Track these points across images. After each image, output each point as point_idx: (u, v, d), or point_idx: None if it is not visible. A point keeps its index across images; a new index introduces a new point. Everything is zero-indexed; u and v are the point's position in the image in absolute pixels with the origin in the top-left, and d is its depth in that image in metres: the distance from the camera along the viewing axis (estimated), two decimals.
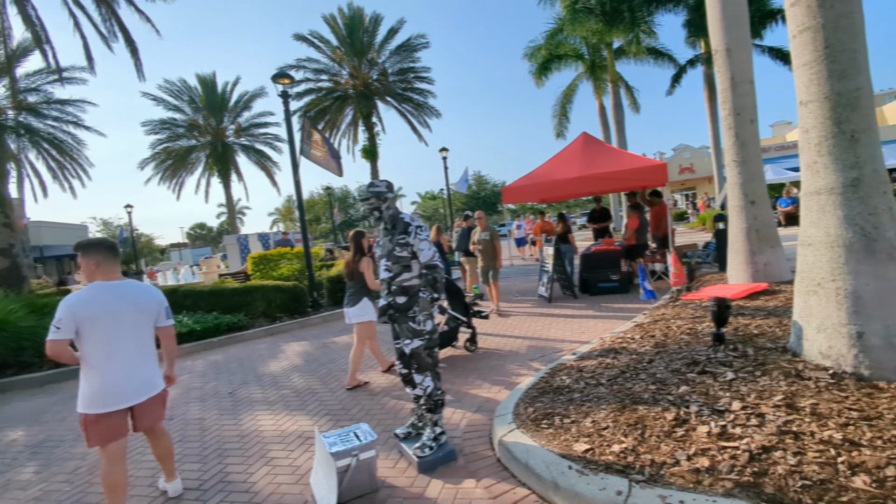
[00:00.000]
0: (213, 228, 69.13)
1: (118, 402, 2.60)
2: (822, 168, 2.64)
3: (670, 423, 2.46)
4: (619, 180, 8.12)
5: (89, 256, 2.65)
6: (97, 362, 2.57)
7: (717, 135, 20.74)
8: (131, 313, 2.67)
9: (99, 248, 2.69)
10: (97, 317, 2.55)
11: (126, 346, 2.65)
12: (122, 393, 2.62)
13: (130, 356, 2.67)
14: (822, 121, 2.65)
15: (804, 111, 2.76)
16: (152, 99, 27.97)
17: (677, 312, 4.77)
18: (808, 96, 2.72)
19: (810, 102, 2.70)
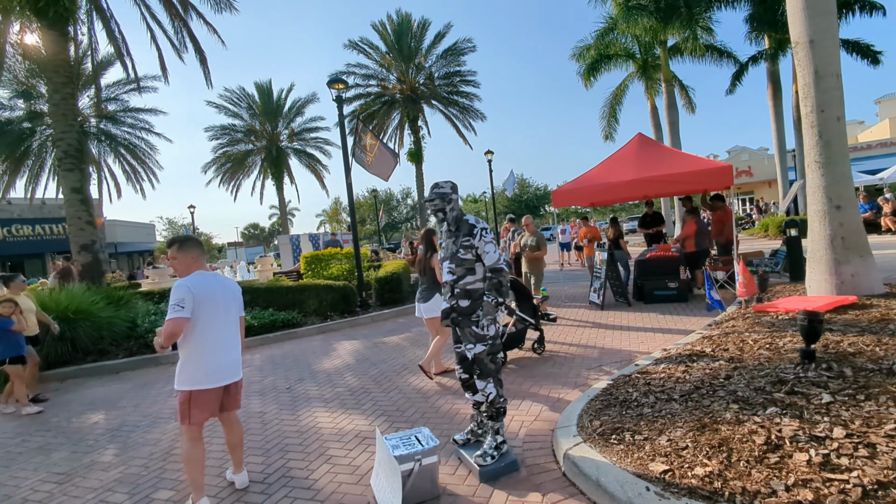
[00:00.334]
0: (266, 229, 72.23)
1: (220, 378, 2.87)
2: None
3: (761, 448, 2.26)
4: (679, 183, 7.73)
5: (188, 250, 2.91)
6: (204, 341, 2.82)
7: (781, 136, 19.43)
8: (228, 300, 2.98)
9: (195, 243, 2.98)
10: (207, 299, 2.82)
11: (225, 329, 2.93)
12: (223, 370, 2.90)
13: (228, 338, 2.96)
14: None
15: None
16: (214, 107, 29.67)
17: (750, 325, 4.45)
18: None
19: None
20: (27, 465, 3.87)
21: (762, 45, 18.85)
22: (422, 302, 4.99)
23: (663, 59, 18.46)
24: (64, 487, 3.40)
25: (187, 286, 2.76)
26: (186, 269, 2.88)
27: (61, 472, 3.65)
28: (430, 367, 4.97)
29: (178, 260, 2.89)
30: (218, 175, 30.84)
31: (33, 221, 27.36)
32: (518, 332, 5.31)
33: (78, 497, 3.23)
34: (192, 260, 2.89)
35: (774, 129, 19.16)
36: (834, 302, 4.36)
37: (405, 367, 5.60)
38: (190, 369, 2.80)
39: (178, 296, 2.71)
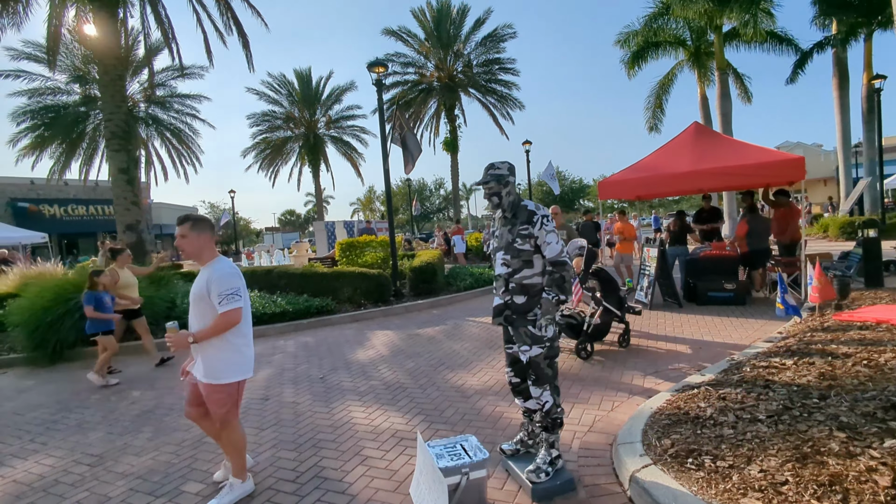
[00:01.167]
0: (301, 215, 73.74)
1: (253, 367, 2.82)
2: None
3: (886, 492, 1.86)
4: (743, 176, 7.09)
5: (202, 231, 2.70)
6: (247, 330, 2.75)
7: (846, 130, 17.94)
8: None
9: (209, 224, 2.78)
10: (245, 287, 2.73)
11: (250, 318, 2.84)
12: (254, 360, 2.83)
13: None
14: None
15: None
16: (255, 94, 30.19)
17: (835, 336, 3.94)
18: None
19: None
20: (64, 443, 3.85)
21: (828, 32, 17.41)
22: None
23: (717, 45, 17.30)
24: (96, 471, 3.33)
25: (239, 275, 2.67)
26: (198, 252, 2.66)
27: (95, 454, 3.60)
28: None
29: (188, 239, 2.64)
30: (257, 161, 31.47)
31: (87, 202, 28.71)
32: (604, 323, 5.14)
33: (108, 483, 3.14)
34: (205, 242, 2.68)
35: (839, 123, 17.72)
36: None
37: (441, 363, 5.35)
38: (236, 359, 2.67)
39: (235, 283, 2.60)
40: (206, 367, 2.63)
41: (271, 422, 3.98)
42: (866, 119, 16.78)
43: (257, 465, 3.19)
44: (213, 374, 2.62)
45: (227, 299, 2.54)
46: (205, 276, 2.62)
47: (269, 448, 3.46)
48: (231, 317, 2.56)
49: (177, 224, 2.69)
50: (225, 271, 2.60)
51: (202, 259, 2.67)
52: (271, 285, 9.92)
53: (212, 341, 2.60)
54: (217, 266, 2.64)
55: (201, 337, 2.56)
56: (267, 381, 5.14)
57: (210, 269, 2.64)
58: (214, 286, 2.55)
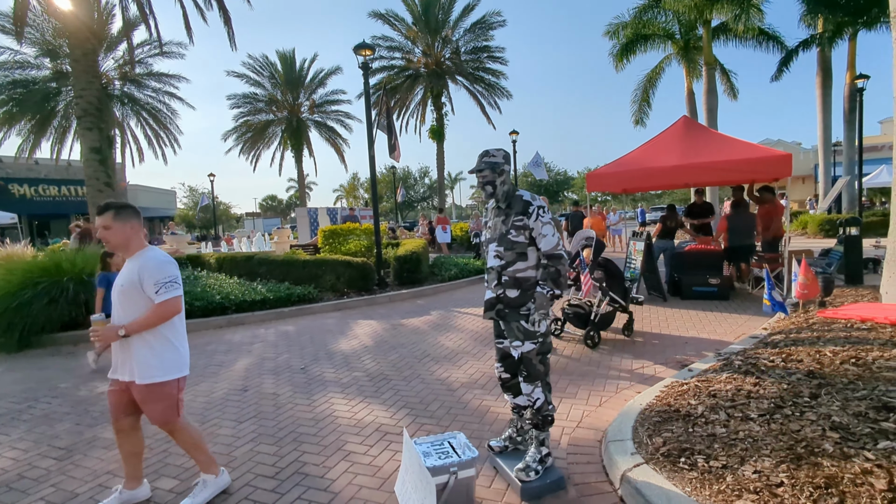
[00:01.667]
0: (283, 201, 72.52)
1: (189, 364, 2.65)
2: None
3: (883, 495, 1.83)
4: (730, 171, 7.12)
5: (128, 219, 2.44)
6: (180, 325, 2.55)
7: (827, 129, 18.28)
8: None
9: (135, 212, 2.51)
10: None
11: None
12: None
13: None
14: None
15: None
16: (236, 76, 29.26)
17: (821, 334, 3.96)
18: None
19: None
20: (29, 435, 3.65)
21: (814, 30, 17.61)
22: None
23: (706, 40, 17.32)
24: (63, 465, 3.15)
25: (175, 262, 2.48)
26: (124, 242, 2.42)
27: (62, 447, 3.42)
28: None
29: (112, 230, 2.37)
30: (238, 144, 30.69)
31: (59, 182, 27.62)
32: (609, 313, 5.22)
33: (76, 479, 2.97)
34: (132, 231, 2.43)
35: (821, 122, 18.04)
36: None
37: (426, 354, 5.26)
38: (171, 355, 2.47)
39: (172, 271, 2.42)
40: (139, 367, 2.39)
41: (250, 414, 3.84)
42: (847, 118, 17.08)
43: (235, 460, 3.06)
44: (149, 372, 2.39)
45: (165, 287, 2.35)
46: (135, 266, 2.39)
47: (248, 441, 3.33)
48: (172, 306, 2.38)
49: (97, 214, 2.42)
50: (159, 259, 2.41)
51: (129, 250, 2.44)
52: (251, 272, 9.68)
53: (144, 336, 2.38)
54: (149, 254, 2.43)
55: (134, 329, 2.33)
56: (246, 372, 4.98)
57: (141, 258, 2.42)
58: (149, 274, 2.35)
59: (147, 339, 2.39)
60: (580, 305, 5.29)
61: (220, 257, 10.85)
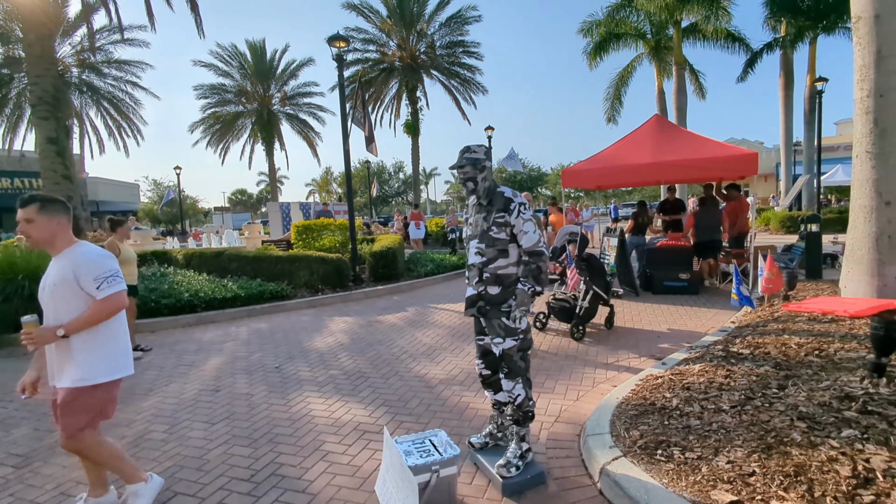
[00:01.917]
0: (253, 195, 70.79)
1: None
2: None
3: (848, 482, 1.91)
4: (700, 169, 7.33)
5: (54, 214, 2.24)
6: (121, 320, 2.40)
7: (789, 129, 19.08)
8: None
9: (63, 206, 2.32)
10: None
11: None
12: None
13: None
14: None
15: None
16: (203, 65, 28.26)
17: (786, 326, 4.12)
18: None
19: None
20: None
21: (778, 34, 18.28)
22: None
23: (676, 40, 17.77)
24: (21, 473, 2.98)
25: (112, 256, 2.32)
26: (49, 238, 2.23)
27: (20, 454, 3.23)
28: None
29: (35, 224, 2.18)
30: (206, 136, 29.67)
31: (12, 174, 26.15)
32: (593, 306, 5.35)
33: (36, 487, 2.81)
34: (58, 227, 2.24)
35: (783, 122, 18.77)
36: (878, 306, 4.02)
37: (404, 351, 5.22)
38: (107, 354, 2.30)
39: (111, 265, 2.26)
40: (81, 369, 2.21)
41: (223, 415, 3.72)
42: (808, 119, 17.85)
43: (208, 463, 2.96)
44: (90, 374, 2.22)
45: (107, 282, 2.19)
46: (66, 263, 2.21)
47: (222, 444, 3.23)
48: (116, 301, 2.23)
49: (18, 206, 2.20)
50: (95, 253, 2.24)
51: (55, 247, 2.25)
52: (221, 268, 9.40)
53: (83, 336, 2.21)
54: (82, 250, 2.26)
55: (75, 328, 2.16)
56: (218, 371, 4.83)
57: (72, 254, 2.23)
58: (86, 270, 2.18)
59: (85, 337, 2.22)
60: (565, 299, 5.41)
61: (188, 253, 10.49)
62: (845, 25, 16.86)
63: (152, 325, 6.82)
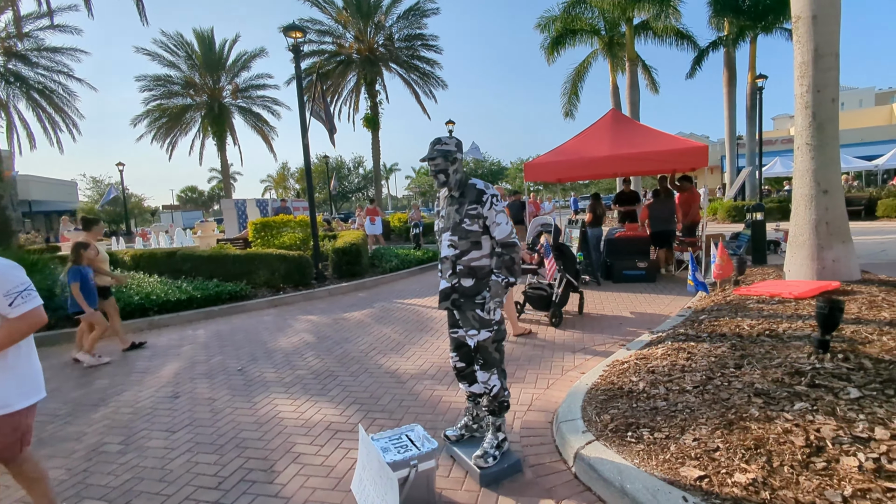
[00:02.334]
0: (205, 193, 67.72)
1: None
2: None
3: (802, 451, 2.05)
4: (655, 161, 7.61)
5: None
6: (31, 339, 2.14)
7: (732, 123, 20.19)
8: None
9: None
10: None
11: None
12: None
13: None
14: None
15: None
16: (147, 54, 26.61)
17: (738, 310, 4.36)
18: None
19: None
20: None
21: (722, 33, 19.24)
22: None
23: (629, 37, 18.37)
24: None
25: (20, 266, 2.03)
26: None
27: None
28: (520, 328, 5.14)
29: None
30: (151, 131, 28.01)
31: None
32: (566, 294, 5.51)
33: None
34: None
35: (727, 117, 19.82)
36: (818, 287, 4.36)
37: (372, 347, 5.15)
38: (29, 377, 2.08)
39: (22, 277, 1.98)
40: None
41: (184, 422, 3.54)
42: (749, 114, 18.91)
43: (171, 473, 2.81)
44: (7, 401, 1.99)
45: (21, 297, 1.93)
46: None
47: (185, 452, 3.07)
48: (34, 317, 1.97)
49: None
50: (3, 265, 1.97)
51: None
52: (174, 269, 8.94)
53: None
54: None
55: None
56: (175, 377, 4.60)
57: None
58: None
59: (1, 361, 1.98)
60: (541, 288, 5.57)
61: (136, 254, 9.90)
62: (782, 26, 17.97)
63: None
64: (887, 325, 3.38)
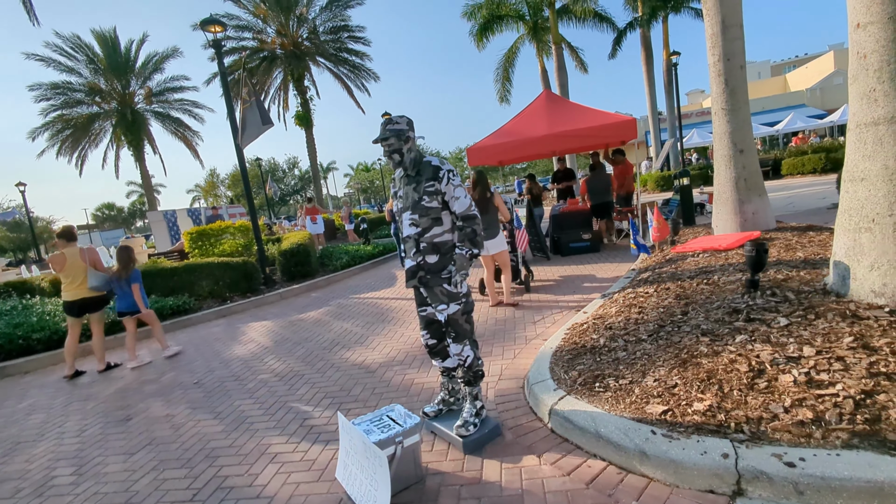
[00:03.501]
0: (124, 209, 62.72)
1: None
2: (882, 96, 2.53)
3: (747, 375, 2.28)
4: (588, 137, 7.98)
5: None
6: None
7: (653, 99, 21.46)
8: None
9: None
10: None
11: None
12: None
13: None
14: (884, 44, 2.52)
15: (862, 34, 2.61)
16: (39, 59, 23.96)
17: (677, 266, 4.72)
18: (867, 17, 2.56)
19: (870, 24, 2.56)
20: None
21: (637, 13, 20.33)
22: (488, 239, 5.07)
23: (552, 20, 18.96)
24: None
25: None
26: None
27: None
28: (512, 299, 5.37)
29: None
30: (54, 144, 25.37)
31: None
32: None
33: None
34: None
35: (648, 93, 21.04)
36: (743, 238, 4.80)
37: (335, 343, 5.07)
38: None
39: None
40: None
41: (142, 443, 3.33)
42: (668, 90, 20.21)
43: (138, 494, 2.65)
44: None
45: None
46: None
47: (150, 471, 2.90)
48: None
49: None
50: None
51: None
52: None
53: None
54: None
55: None
56: (124, 399, 4.29)
57: None
58: None
59: None
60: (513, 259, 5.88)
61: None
62: (689, 5, 19.28)
63: (24, 366, 5.84)
64: (803, 262, 3.81)
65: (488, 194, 5.14)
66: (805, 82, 36.03)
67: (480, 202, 5.07)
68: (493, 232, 5.11)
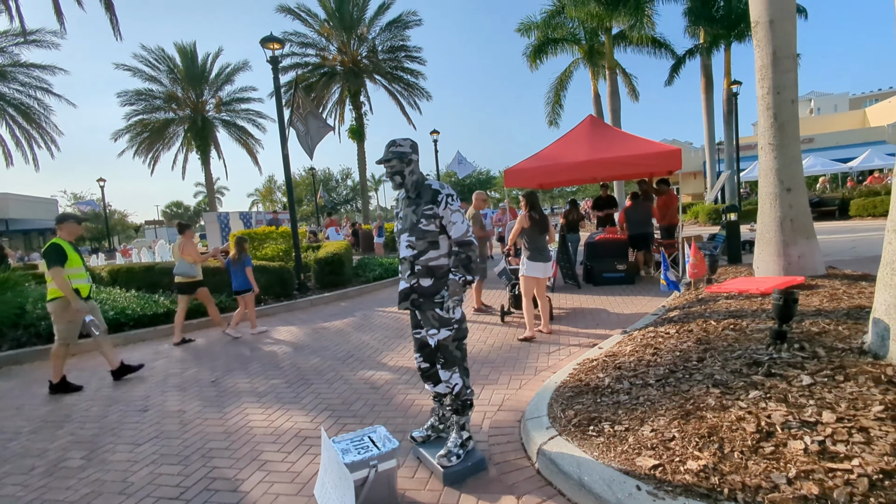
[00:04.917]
0: (191, 207, 67.09)
1: None
2: None
3: (752, 436, 2.08)
4: (631, 165, 7.73)
5: None
6: None
7: (711, 129, 20.60)
8: None
9: None
10: None
11: None
12: None
13: None
14: None
15: None
16: (126, 69, 26.42)
17: (708, 306, 4.43)
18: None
19: None
20: None
21: (697, 41, 19.72)
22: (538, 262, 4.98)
23: (608, 46, 18.73)
24: None
25: None
26: None
27: None
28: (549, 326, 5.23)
29: None
30: (133, 145, 27.73)
31: None
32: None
33: None
34: None
35: (706, 122, 20.21)
36: (784, 282, 4.44)
37: (350, 355, 5.12)
38: None
39: None
40: None
41: (150, 435, 3.48)
42: (727, 119, 19.34)
43: (132, 486, 2.76)
44: None
45: None
46: None
47: (148, 464, 3.02)
48: None
49: None
50: None
51: None
52: (152, 284, 8.83)
53: None
54: None
55: None
56: (147, 391, 4.52)
57: None
58: None
59: None
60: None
61: (112, 269, 9.76)
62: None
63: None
64: (845, 315, 3.45)
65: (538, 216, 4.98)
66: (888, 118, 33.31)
67: (541, 222, 4.94)
68: (546, 255, 4.99)
